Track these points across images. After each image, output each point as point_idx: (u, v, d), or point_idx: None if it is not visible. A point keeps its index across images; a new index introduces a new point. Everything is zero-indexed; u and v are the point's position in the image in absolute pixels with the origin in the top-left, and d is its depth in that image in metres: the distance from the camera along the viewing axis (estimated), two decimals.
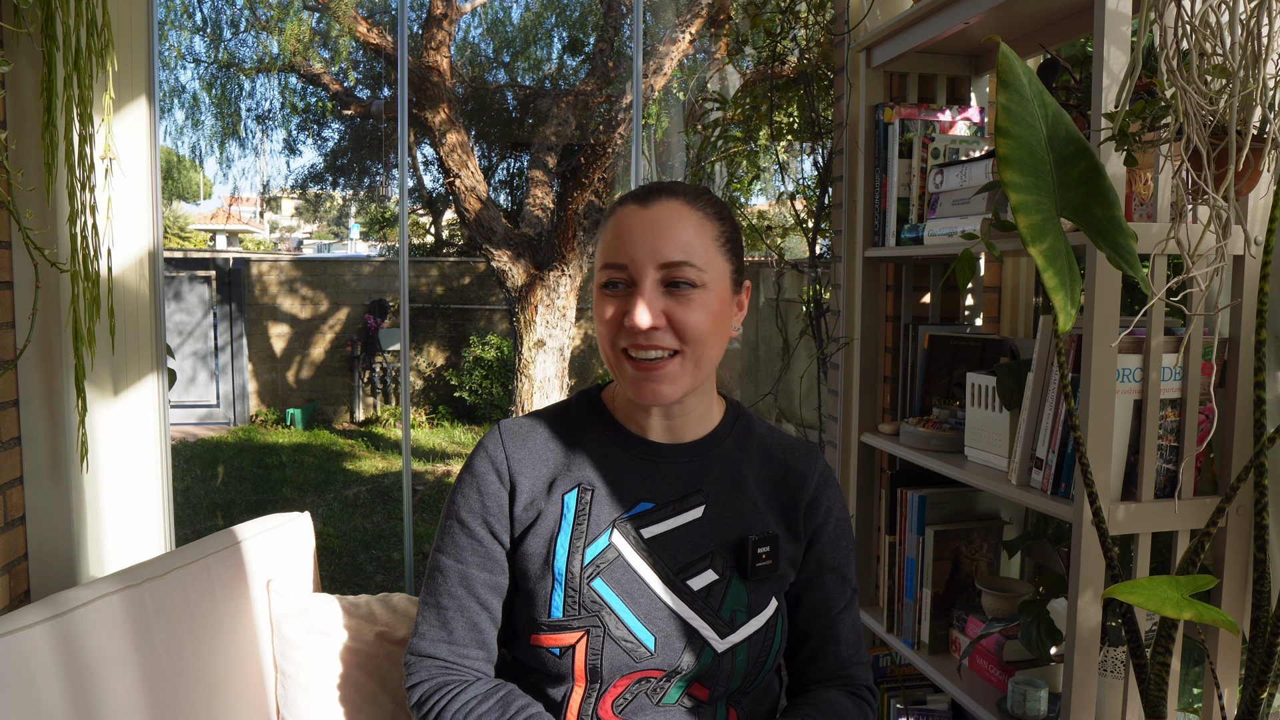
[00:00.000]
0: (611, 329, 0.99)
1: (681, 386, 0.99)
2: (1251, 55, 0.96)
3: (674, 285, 0.97)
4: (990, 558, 1.77)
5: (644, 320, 0.95)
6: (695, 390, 1.03)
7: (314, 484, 6.22)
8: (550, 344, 5.30)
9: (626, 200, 1.02)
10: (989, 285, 2.00)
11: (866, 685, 1.11)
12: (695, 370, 0.99)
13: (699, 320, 0.98)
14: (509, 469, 1.04)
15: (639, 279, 0.97)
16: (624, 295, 0.98)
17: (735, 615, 1.01)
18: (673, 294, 0.97)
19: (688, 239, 0.98)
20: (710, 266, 0.99)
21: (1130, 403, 1.26)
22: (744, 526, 1.04)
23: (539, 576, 1.01)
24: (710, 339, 0.99)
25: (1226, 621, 0.91)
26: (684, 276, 0.97)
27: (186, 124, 11.30)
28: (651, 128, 5.73)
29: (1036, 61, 1.77)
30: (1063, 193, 0.97)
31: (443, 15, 5.34)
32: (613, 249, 0.99)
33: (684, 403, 1.04)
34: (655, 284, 0.97)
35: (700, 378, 1.01)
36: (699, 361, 0.99)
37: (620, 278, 0.98)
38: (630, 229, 0.99)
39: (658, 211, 0.99)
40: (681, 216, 0.99)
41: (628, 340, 0.97)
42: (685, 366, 0.99)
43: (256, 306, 8.05)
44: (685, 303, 0.97)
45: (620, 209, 1.02)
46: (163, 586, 1.25)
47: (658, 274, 0.97)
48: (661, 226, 0.98)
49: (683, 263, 0.97)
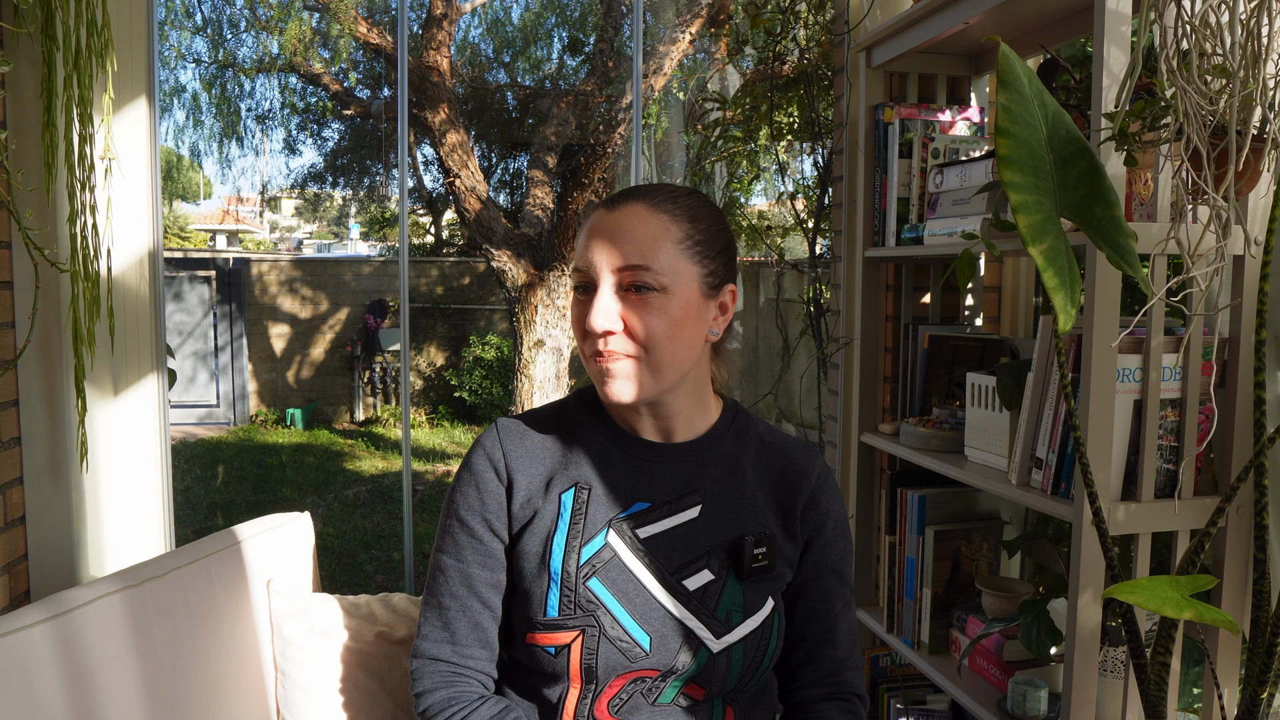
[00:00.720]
0: (578, 332, 1.01)
1: (640, 388, 0.99)
2: (1251, 55, 0.96)
3: (635, 289, 0.97)
4: (990, 558, 1.77)
5: (596, 324, 0.96)
6: (671, 392, 1.02)
7: (314, 484, 6.22)
8: (550, 344, 5.30)
9: (598, 205, 1.04)
10: (989, 285, 2.00)
11: (857, 693, 1.11)
12: (655, 374, 0.99)
13: (656, 325, 0.97)
14: (506, 467, 1.04)
15: (597, 283, 0.98)
16: (588, 300, 0.99)
17: (731, 615, 1.01)
18: (631, 298, 0.98)
19: (649, 241, 0.97)
20: (672, 270, 0.97)
21: (1130, 403, 1.26)
22: (740, 526, 1.04)
23: (535, 575, 1.01)
24: (671, 344, 0.98)
25: (1226, 621, 0.91)
26: (641, 280, 0.97)
27: (187, 124, 11.33)
28: (651, 128, 5.73)
29: (1036, 61, 1.77)
30: (1063, 193, 0.97)
31: (443, 15, 5.34)
32: (579, 254, 1.01)
33: (668, 403, 1.04)
34: (613, 288, 0.98)
35: (664, 382, 1.00)
36: (659, 366, 0.98)
37: (585, 281, 1.00)
38: (594, 234, 1.00)
39: (619, 216, 0.99)
40: (643, 220, 0.98)
41: (591, 345, 0.99)
42: (642, 369, 0.98)
43: (256, 306, 8.05)
44: (643, 307, 0.97)
45: (592, 214, 1.03)
46: (163, 586, 1.25)
47: (614, 278, 0.98)
48: (620, 231, 0.98)
49: (638, 266, 0.97)
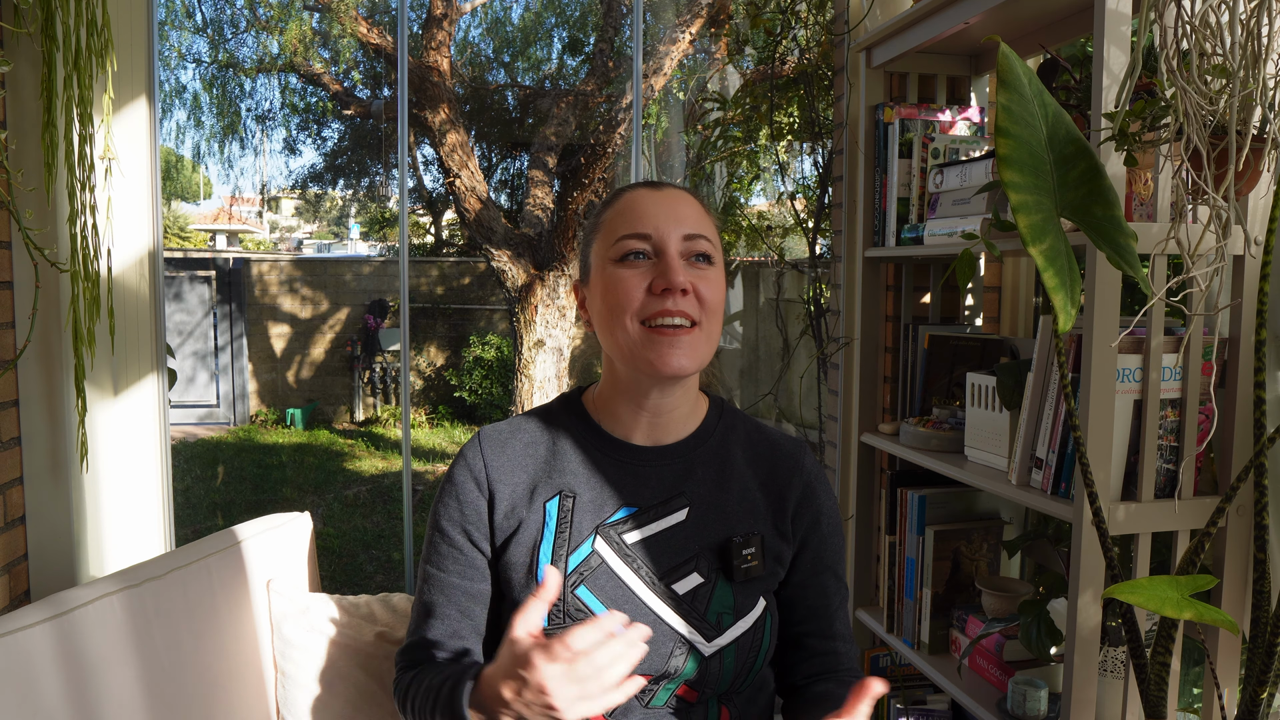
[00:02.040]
0: (635, 299, 0.98)
1: (697, 359, 0.99)
2: (1251, 55, 0.96)
3: (695, 259, 1.01)
4: (990, 558, 1.77)
5: (677, 280, 0.97)
6: (687, 381, 1.04)
7: (314, 484, 6.22)
8: (550, 344, 5.30)
9: (633, 186, 1.06)
10: (989, 285, 2.00)
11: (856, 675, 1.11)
12: (708, 345, 1.01)
13: (717, 294, 1.01)
14: (487, 478, 1.04)
15: (664, 246, 0.99)
16: (648, 265, 0.99)
17: (722, 618, 1.00)
18: (694, 266, 1.00)
19: (700, 218, 1.03)
20: (718, 247, 1.04)
21: (1130, 403, 1.26)
22: (728, 528, 1.03)
23: (523, 586, 1.01)
24: (720, 317, 1.02)
25: (1226, 621, 0.91)
26: (703, 250, 1.01)
27: (187, 124, 11.33)
28: (651, 128, 5.73)
29: (1036, 61, 1.77)
30: (1063, 193, 0.97)
31: (443, 15, 5.34)
32: (632, 221, 1.01)
33: (675, 394, 1.04)
34: (679, 254, 1.00)
35: (708, 356, 1.02)
36: (710, 337, 1.01)
37: (644, 248, 1.00)
38: (649, 204, 1.02)
39: (668, 194, 1.04)
40: (690, 200, 1.04)
41: (655, 307, 0.97)
42: (701, 339, 1.00)
43: (256, 306, 8.05)
44: (704, 276, 1.00)
45: (629, 193, 1.05)
46: (163, 586, 1.25)
47: (682, 244, 1.00)
48: (676, 204, 1.02)
49: (702, 236, 1.01)
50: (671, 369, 0.98)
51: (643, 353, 0.98)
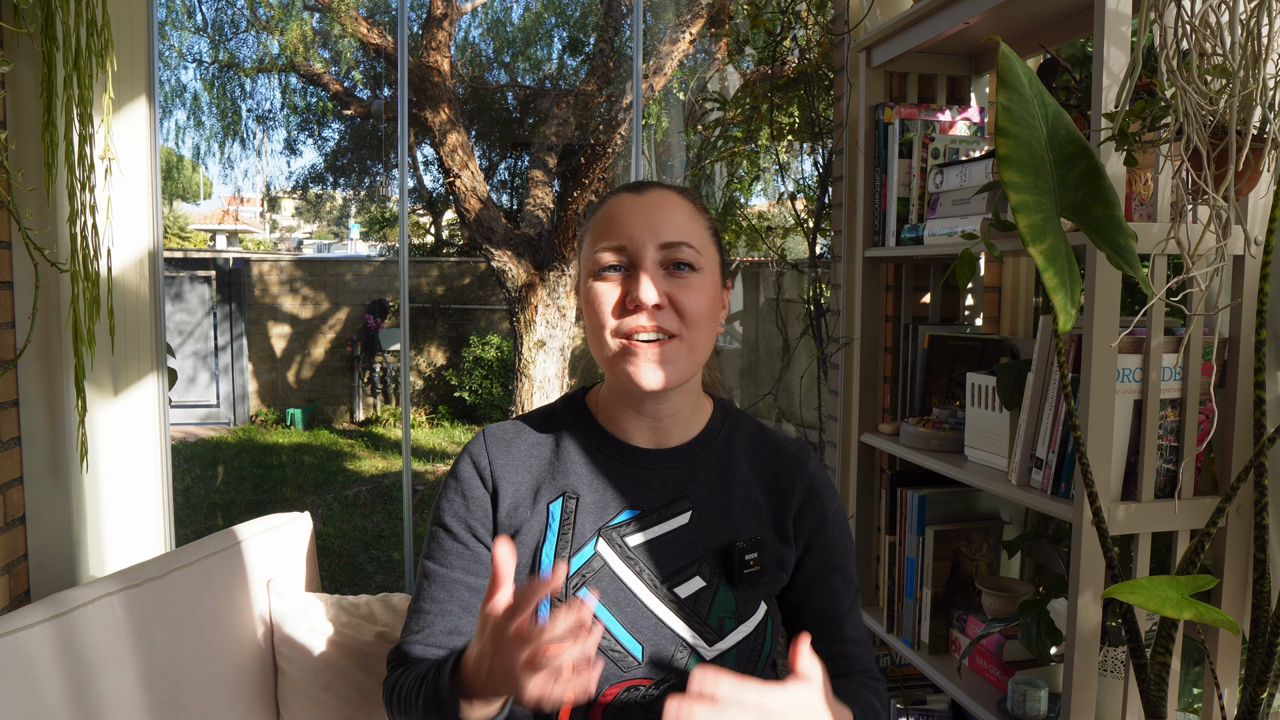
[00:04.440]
0: (610, 313, 0.98)
1: (679, 371, 0.98)
2: (1251, 55, 0.96)
3: (674, 268, 0.98)
4: (990, 558, 1.77)
5: (650, 296, 0.95)
6: (685, 386, 1.02)
7: (314, 484, 6.22)
8: (550, 344, 5.30)
9: (618, 191, 1.03)
10: (989, 285, 2.00)
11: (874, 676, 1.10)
12: (691, 356, 0.99)
13: (698, 303, 0.98)
14: (492, 474, 1.04)
15: (639, 258, 0.97)
16: (623, 278, 0.98)
17: (724, 622, 1.00)
18: (673, 276, 0.98)
19: (684, 223, 0.99)
20: (706, 252, 1.00)
21: (1130, 403, 1.26)
22: (731, 532, 1.03)
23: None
24: (706, 325, 0.99)
25: (1226, 621, 0.91)
26: (684, 258, 0.98)
27: (188, 124, 11.34)
28: (651, 128, 5.73)
29: (1036, 61, 1.77)
30: (1063, 193, 0.97)
31: (443, 15, 5.34)
32: (608, 232, 0.99)
33: (672, 400, 1.03)
34: (655, 264, 0.97)
35: (695, 366, 1.00)
36: (694, 348, 0.99)
37: (619, 260, 0.98)
38: (626, 212, 0.99)
39: (652, 197, 1.00)
40: (676, 203, 1.01)
41: (630, 323, 0.96)
42: (682, 350, 0.98)
43: (257, 306, 8.05)
44: (685, 285, 0.98)
45: (612, 198, 1.02)
46: (163, 586, 1.25)
47: (658, 254, 0.97)
48: (658, 209, 0.99)
49: (682, 243, 0.98)
50: (647, 384, 0.96)
51: (621, 367, 0.98)
